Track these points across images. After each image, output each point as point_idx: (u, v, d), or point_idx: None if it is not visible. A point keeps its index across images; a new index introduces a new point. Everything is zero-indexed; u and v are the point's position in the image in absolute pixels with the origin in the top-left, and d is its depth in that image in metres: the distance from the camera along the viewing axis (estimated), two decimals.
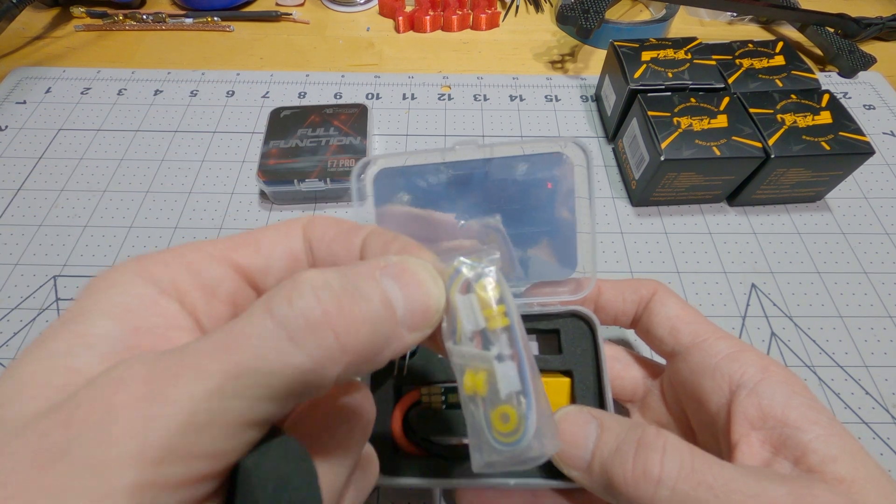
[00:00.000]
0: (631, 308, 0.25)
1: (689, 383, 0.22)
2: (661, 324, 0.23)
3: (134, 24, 0.51)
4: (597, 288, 0.25)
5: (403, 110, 0.44)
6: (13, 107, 0.44)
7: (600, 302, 0.25)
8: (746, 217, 0.37)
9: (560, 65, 0.50)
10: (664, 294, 0.24)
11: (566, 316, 0.26)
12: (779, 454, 0.18)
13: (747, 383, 0.19)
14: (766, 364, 0.20)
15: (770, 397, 0.19)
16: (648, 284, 0.24)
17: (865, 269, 0.35)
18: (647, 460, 0.17)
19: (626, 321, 0.25)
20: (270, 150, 0.37)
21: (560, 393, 0.25)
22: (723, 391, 0.20)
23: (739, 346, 0.21)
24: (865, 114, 0.44)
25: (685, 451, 0.17)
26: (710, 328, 0.22)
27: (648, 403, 0.25)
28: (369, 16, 0.54)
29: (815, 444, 0.17)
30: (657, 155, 0.33)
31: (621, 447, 0.17)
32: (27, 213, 0.37)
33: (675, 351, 0.23)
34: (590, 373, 0.25)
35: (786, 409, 0.18)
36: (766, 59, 0.39)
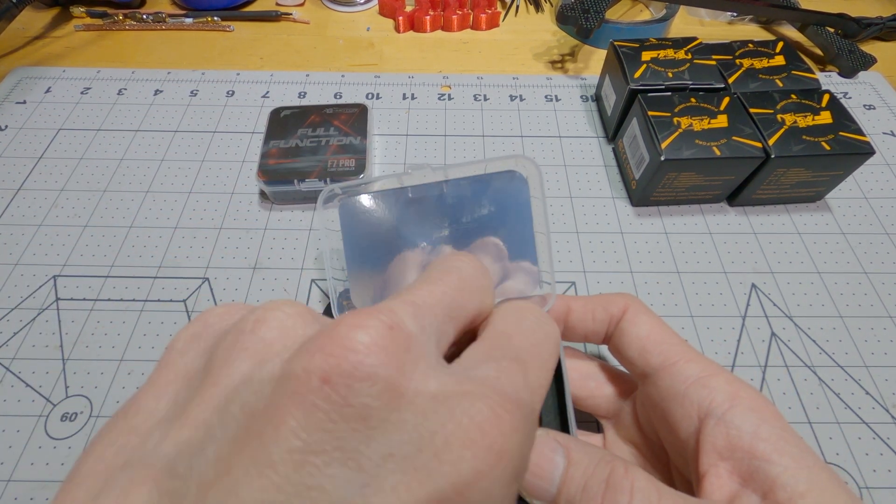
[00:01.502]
0: (601, 327, 0.24)
1: (659, 408, 0.21)
2: (630, 344, 0.23)
3: (134, 24, 0.51)
4: (566, 306, 0.25)
5: (403, 110, 0.44)
6: (13, 107, 0.44)
7: (569, 322, 0.25)
8: (746, 217, 0.37)
9: (560, 65, 0.50)
10: (634, 312, 0.23)
11: None
12: (747, 486, 0.18)
13: (715, 411, 0.19)
14: (736, 390, 0.19)
15: (738, 427, 0.18)
16: (619, 301, 0.24)
17: (865, 269, 0.35)
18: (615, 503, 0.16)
19: (598, 339, 0.25)
20: (270, 150, 0.37)
21: None
22: (691, 419, 0.20)
23: (709, 371, 0.20)
24: (865, 114, 0.44)
25: (653, 491, 0.16)
26: (680, 350, 0.21)
27: (621, 422, 0.24)
28: (369, 16, 0.54)
29: (784, 479, 0.17)
30: (657, 155, 0.33)
31: (589, 485, 0.17)
32: (27, 213, 0.37)
33: (645, 373, 0.22)
34: (550, 392, 0.25)
35: (754, 440, 0.18)
36: (766, 59, 0.39)
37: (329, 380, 0.11)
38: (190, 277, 0.34)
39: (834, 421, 0.29)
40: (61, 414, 0.29)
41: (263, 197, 0.38)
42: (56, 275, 0.34)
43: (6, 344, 0.31)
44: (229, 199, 0.38)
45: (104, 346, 0.31)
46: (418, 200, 0.27)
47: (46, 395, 0.29)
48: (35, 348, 0.31)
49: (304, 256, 0.35)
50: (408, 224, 0.27)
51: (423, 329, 0.13)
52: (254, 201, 0.38)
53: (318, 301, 0.33)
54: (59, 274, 0.34)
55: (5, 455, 0.27)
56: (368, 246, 0.27)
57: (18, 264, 0.34)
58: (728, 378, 0.20)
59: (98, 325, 0.32)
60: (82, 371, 0.30)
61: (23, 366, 0.30)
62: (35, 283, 0.34)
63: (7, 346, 0.31)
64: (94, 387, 0.30)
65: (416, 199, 0.27)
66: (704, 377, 0.20)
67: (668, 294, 0.34)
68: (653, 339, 0.22)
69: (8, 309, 0.32)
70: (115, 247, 0.35)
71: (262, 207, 0.38)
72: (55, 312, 0.32)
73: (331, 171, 0.36)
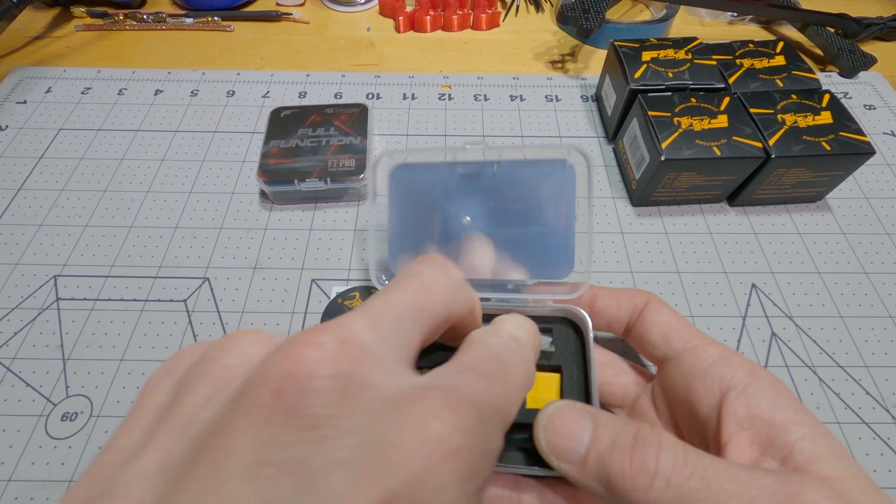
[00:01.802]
0: (625, 315, 0.26)
1: (681, 387, 0.22)
2: (654, 330, 0.24)
3: (134, 24, 0.51)
4: (593, 294, 0.26)
5: (404, 110, 0.44)
6: (13, 107, 0.44)
7: (595, 307, 0.26)
8: (747, 217, 0.37)
9: (560, 65, 0.50)
10: (658, 304, 0.25)
11: (560, 314, 0.27)
12: (766, 454, 0.19)
13: (737, 386, 0.20)
14: (754, 369, 0.21)
15: (758, 399, 0.20)
16: (643, 294, 0.26)
17: (865, 269, 0.35)
18: (644, 454, 0.17)
19: (620, 328, 0.26)
20: (270, 150, 0.37)
21: (549, 387, 0.26)
22: (713, 394, 0.21)
23: (728, 352, 0.22)
24: (866, 114, 0.44)
25: (679, 446, 0.17)
26: (700, 335, 0.23)
27: (637, 409, 0.25)
28: (369, 16, 0.54)
29: (801, 444, 0.18)
30: (657, 155, 0.33)
31: (618, 442, 0.18)
32: (27, 213, 0.37)
33: (666, 356, 0.23)
34: (578, 370, 0.26)
35: (773, 411, 0.19)
36: (766, 59, 0.39)
37: (281, 392, 0.11)
38: (190, 277, 0.34)
39: (834, 421, 0.29)
40: (62, 414, 0.29)
41: (263, 197, 0.38)
42: (56, 275, 0.34)
43: (6, 344, 0.31)
44: (229, 199, 0.38)
45: (104, 346, 0.31)
46: (469, 176, 0.27)
47: (47, 395, 0.29)
48: (35, 348, 0.31)
49: (305, 256, 0.35)
50: (455, 197, 0.28)
51: (380, 339, 0.14)
52: (254, 201, 0.38)
53: (318, 301, 0.33)
54: (59, 274, 0.34)
55: (6, 455, 0.27)
56: (412, 213, 0.28)
57: (19, 264, 0.34)
58: (746, 359, 0.22)
59: (98, 324, 0.32)
60: (83, 371, 0.30)
61: (23, 366, 0.30)
62: (35, 283, 0.34)
63: (7, 346, 0.31)
64: (94, 387, 0.30)
65: (466, 175, 0.27)
66: (725, 357, 0.22)
67: (668, 294, 0.34)
68: (675, 326, 0.24)
69: (8, 309, 0.32)
70: (116, 247, 0.35)
71: (262, 207, 0.38)
72: (55, 312, 0.32)
73: (331, 171, 0.36)
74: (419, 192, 0.28)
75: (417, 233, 0.28)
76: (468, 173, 0.27)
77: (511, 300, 0.27)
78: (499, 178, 0.27)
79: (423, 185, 0.28)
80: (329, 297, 0.33)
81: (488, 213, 0.28)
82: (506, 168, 0.27)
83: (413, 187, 0.28)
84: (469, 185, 0.27)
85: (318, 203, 0.38)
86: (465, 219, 0.28)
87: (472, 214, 0.28)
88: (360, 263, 0.35)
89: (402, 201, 0.28)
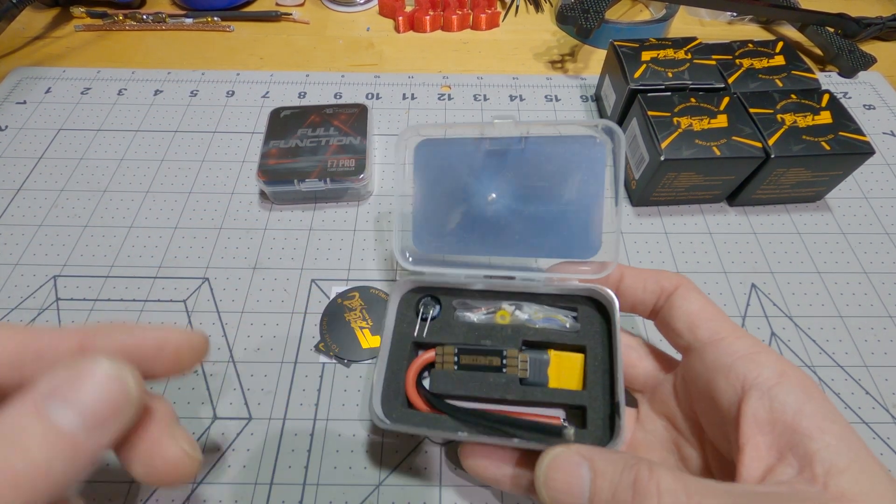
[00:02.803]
0: (651, 298, 0.24)
1: (703, 380, 0.21)
2: (680, 318, 0.23)
3: (134, 24, 0.51)
4: (619, 273, 0.25)
5: (403, 110, 0.44)
6: (13, 107, 0.44)
7: (621, 288, 0.25)
8: (746, 217, 0.37)
9: (560, 65, 0.50)
10: (687, 289, 0.23)
11: (585, 294, 0.27)
12: (784, 460, 0.18)
13: (761, 386, 0.19)
14: (784, 368, 0.20)
15: (782, 402, 0.19)
16: (672, 277, 0.24)
17: (865, 269, 0.35)
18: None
19: (645, 311, 0.25)
20: (270, 150, 0.37)
21: (572, 368, 0.26)
22: (735, 391, 0.20)
23: (757, 348, 0.21)
24: (865, 114, 0.44)
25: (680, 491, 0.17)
26: (730, 327, 0.22)
27: (658, 395, 0.25)
28: (369, 16, 0.54)
29: (823, 454, 0.17)
30: (657, 155, 0.33)
31: (618, 495, 0.17)
32: (27, 213, 0.37)
33: (691, 346, 0.22)
34: (603, 351, 0.26)
35: (797, 416, 0.18)
36: (766, 59, 0.39)
37: None
38: (190, 277, 0.34)
39: None
40: None
41: (263, 197, 0.38)
42: (56, 275, 0.34)
43: None
44: (229, 199, 0.38)
45: None
46: (496, 153, 0.27)
47: None
48: None
49: (304, 256, 0.35)
50: (481, 174, 0.27)
51: None
52: (254, 201, 0.38)
53: (318, 301, 0.33)
54: (59, 274, 0.34)
55: None
56: (437, 190, 0.28)
57: (18, 264, 0.34)
58: (777, 357, 0.20)
59: None
60: None
61: None
62: (35, 283, 0.34)
63: None
64: None
65: (493, 151, 0.27)
66: (753, 353, 0.20)
67: None
68: (703, 315, 0.22)
69: (8, 309, 0.32)
70: (115, 247, 0.35)
71: (262, 207, 0.38)
72: (55, 313, 0.32)
73: (331, 171, 0.36)
74: (444, 168, 0.27)
75: (442, 210, 0.28)
76: (495, 149, 0.27)
77: (535, 279, 0.27)
78: (526, 154, 0.26)
79: (449, 160, 0.27)
80: (329, 297, 0.33)
81: (514, 190, 0.27)
82: (533, 144, 0.26)
83: (438, 163, 0.27)
84: (496, 162, 0.27)
85: (317, 203, 0.38)
86: (490, 195, 0.27)
87: (497, 191, 0.27)
88: (360, 263, 0.35)
89: (426, 178, 0.28)
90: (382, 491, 0.26)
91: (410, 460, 0.27)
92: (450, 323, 0.28)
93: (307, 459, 0.27)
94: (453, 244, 0.28)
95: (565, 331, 0.27)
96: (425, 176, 0.28)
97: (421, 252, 0.28)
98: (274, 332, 0.32)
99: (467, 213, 0.28)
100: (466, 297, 0.28)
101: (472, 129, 0.27)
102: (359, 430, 0.28)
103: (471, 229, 0.28)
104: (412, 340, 0.27)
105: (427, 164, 0.27)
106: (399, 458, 0.27)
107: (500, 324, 0.27)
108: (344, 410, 0.29)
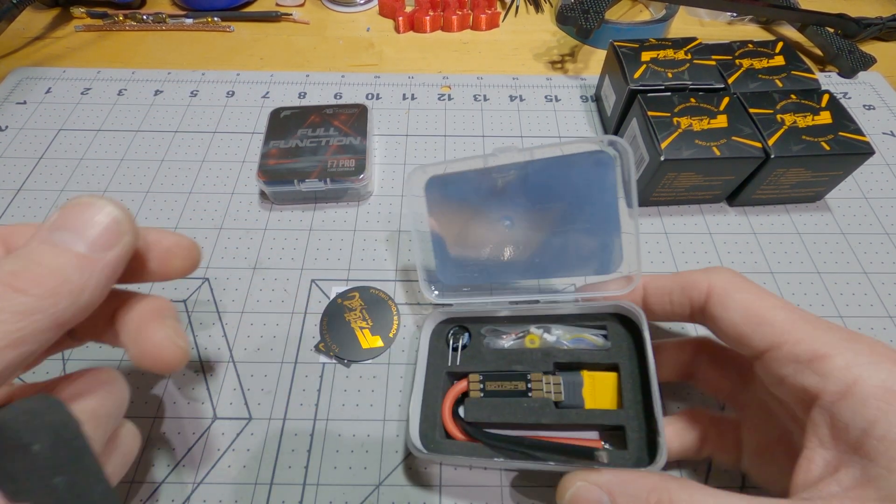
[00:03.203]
0: (681, 310, 0.23)
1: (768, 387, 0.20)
2: (726, 332, 0.20)
3: (134, 25, 0.51)
4: (641, 288, 0.24)
5: (403, 110, 0.44)
6: (13, 107, 0.44)
7: (646, 304, 0.24)
8: (746, 217, 0.37)
9: (560, 65, 0.50)
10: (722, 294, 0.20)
11: (613, 311, 0.27)
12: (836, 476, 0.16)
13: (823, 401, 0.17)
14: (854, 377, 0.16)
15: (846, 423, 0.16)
16: (700, 283, 0.21)
17: (865, 269, 0.35)
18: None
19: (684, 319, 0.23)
20: (270, 151, 0.37)
21: (607, 387, 0.26)
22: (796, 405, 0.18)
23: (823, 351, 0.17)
24: (865, 114, 0.44)
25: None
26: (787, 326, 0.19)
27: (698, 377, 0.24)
28: (369, 16, 0.54)
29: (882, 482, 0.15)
30: (657, 155, 0.33)
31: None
32: (27, 213, 0.37)
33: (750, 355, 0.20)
34: (635, 367, 0.26)
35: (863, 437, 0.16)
36: (765, 59, 0.39)
37: None
38: (190, 277, 0.34)
39: None
40: None
41: (263, 197, 0.38)
42: None
43: None
44: (229, 199, 0.38)
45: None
46: (505, 180, 0.27)
47: None
48: None
49: (304, 257, 0.35)
50: (493, 202, 0.28)
51: None
52: (254, 201, 0.38)
53: (318, 301, 0.33)
54: None
55: None
56: (453, 223, 0.28)
57: None
58: (848, 360, 0.17)
59: None
60: None
61: None
62: None
63: None
64: None
65: (502, 179, 0.27)
66: (816, 360, 0.17)
67: None
68: (750, 321, 0.19)
69: None
70: None
71: (262, 207, 0.38)
72: None
73: (331, 171, 0.36)
74: (458, 201, 0.28)
75: (461, 241, 0.28)
76: (503, 177, 0.27)
77: (560, 300, 0.27)
78: (535, 177, 0.27)
79: (461, 194, 0.28)
80: (329, 297, 0.33)
81: (528, 215, 0.27)
82: (541, 167, 0.26)
83: (451, 197, 0.28)
84: (506, 189, 0.27)
85: (317, 203, 0.38)
86: (505, 222, 0.28)
87: (512, 217, 0.27)
88: (360, 263, 0.35)
89: (442, 212, 0.28)
90: (382, 491, 0.26)
91: (410, 460, 0.27)
92: (480, 351, 0.28)
93: (307, 459, 0.27)
94: (475, 273, 0.29)
95: (596, 350, 0.27)
96: (441, 211, 0.28)
97: (446, 284, 0.29)
98: (274, 332, 0.32)
99: (486, 242, 0.28)
100: (494, 323, 0.29)
101: (475, 162, 0.27)
102: (359, 429, 0.28)
103: (491, 256, 0.28)
104: (445, 370, 0.28)
105: (440, 199, 0.28)
106: (399, 459, 0.27)
107: (529, 348, 0.28)
108: (344, 410, 0.29)
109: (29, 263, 0.15)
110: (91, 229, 0.16)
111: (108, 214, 0.16)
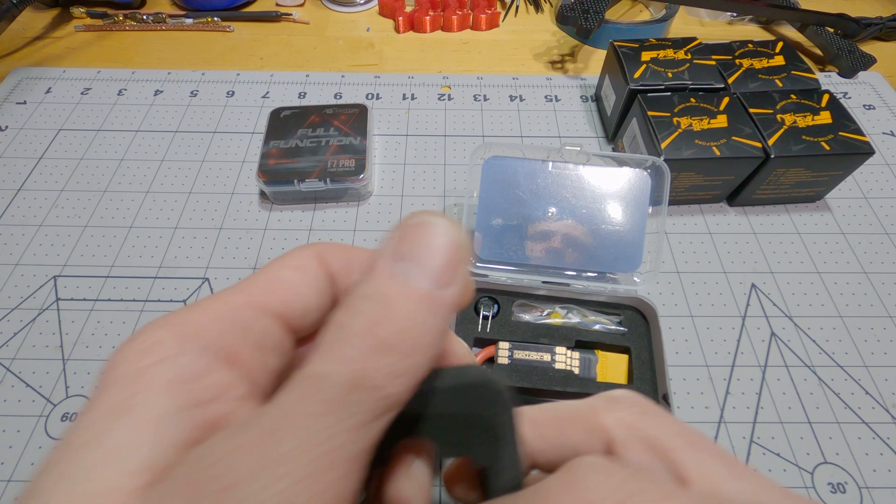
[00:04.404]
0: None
1: None
2: None
3: (134, 25, 0.51)
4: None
5: (403, 110, 0.44)
6: (13, 107, 0.44)
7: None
8: (746, 217, 0.37)
9: (560, 65, 0.50)
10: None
11: (630, 303, 0.31)
12: None
13: None
14: None
15: None
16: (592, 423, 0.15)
17: (865, 269, 0.35)
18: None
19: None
20: (270, 151, 0.37)
21: (618, 367, 0.30)
22: None
23: None
24: (865, 114, 0.44)
25: None
26: None
27: None
28: (369, 16, 0.54)
29: None
30: (657, 155, 0.33)
31: None
32: (27, 213, 0.37)
33: None
34: (646, 353, 0.30)
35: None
36: (766, 59, 0.39)
37: None
38: (190, 277, 0.34)
39: (834, 421, 0.29)
40: (62, 414, 0.29)
41: (263, 197, 0.38)
42: (56, 275, 0.34)
43: (6, 344, 0.31)
44: (229, 199, 0.38)
45: (104, 347, 0.31)
46: (557, 175, 0.32)
47: (47, 396, 0.29)
48: (35, 348, 0.31)
49: None
50: (542, 192, 0.32)
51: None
52: (254, 201, 0.38)
53: None
54: (59, 274, 0.34)
55: (6, 455, 0.27)
56: (502, 202, 0.32)
57: (18, 264, 0.34)
58: None
59: (98, 325, 0.32)
60: (83, 371, 0.30)
61: (23, 366, 0.30)
62: (35, 283, 0.34)
63: (7, 347, 0.31)
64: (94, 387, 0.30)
65: (555, 173, 0.32)
66: None
67: (667, 294, 0.34)
68: None
69: (8, 309, 0.32)
70: (116, 247, 0.35)
71: (262, 207, 0.38)
72: (55, 313, 0.32)
73: (331, 171, 0.36)
74: (510, 183, 0.32)
75: (505, 220, 0.32)
76: (557, 172, 0.32)
77: (587, 287, 0.31)
78: (584, 178, 0.32)
79: (515, 177, 0.32)
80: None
81: (571, 208, 0.32)
82: (592, 171, 0.32)
83: (504, 178, 0.32)
84: (556, 182, 0.32)
85: (317, 203, 0.38)
86: (550, 209, 0.32)
87: (556, 207, 0.32)
88: None
89: (493, 190, 0.32)
90: None
91: None
92: (508, 322, 0.31)
93: None
94: (513, 251, 0.32)
95: (612, 333, 0.30)
96: (492, 189, 0.32)
97: (484, 257, 0.32)
98: None
99: (528, 225, 0.32)
100: (525, 299, 0.32)
101: (541, 153, 0.32)
102: None
103: (530, 239, 0.32)
104: (474, 336, 0.30)
105: (494, 178, 0.32)
106: None
107: (554, 325, 0.31)
108: None
109: (386, 307, 0.12)
110: (434, 259, 0.12)
111: (447, 234, 0.13)
